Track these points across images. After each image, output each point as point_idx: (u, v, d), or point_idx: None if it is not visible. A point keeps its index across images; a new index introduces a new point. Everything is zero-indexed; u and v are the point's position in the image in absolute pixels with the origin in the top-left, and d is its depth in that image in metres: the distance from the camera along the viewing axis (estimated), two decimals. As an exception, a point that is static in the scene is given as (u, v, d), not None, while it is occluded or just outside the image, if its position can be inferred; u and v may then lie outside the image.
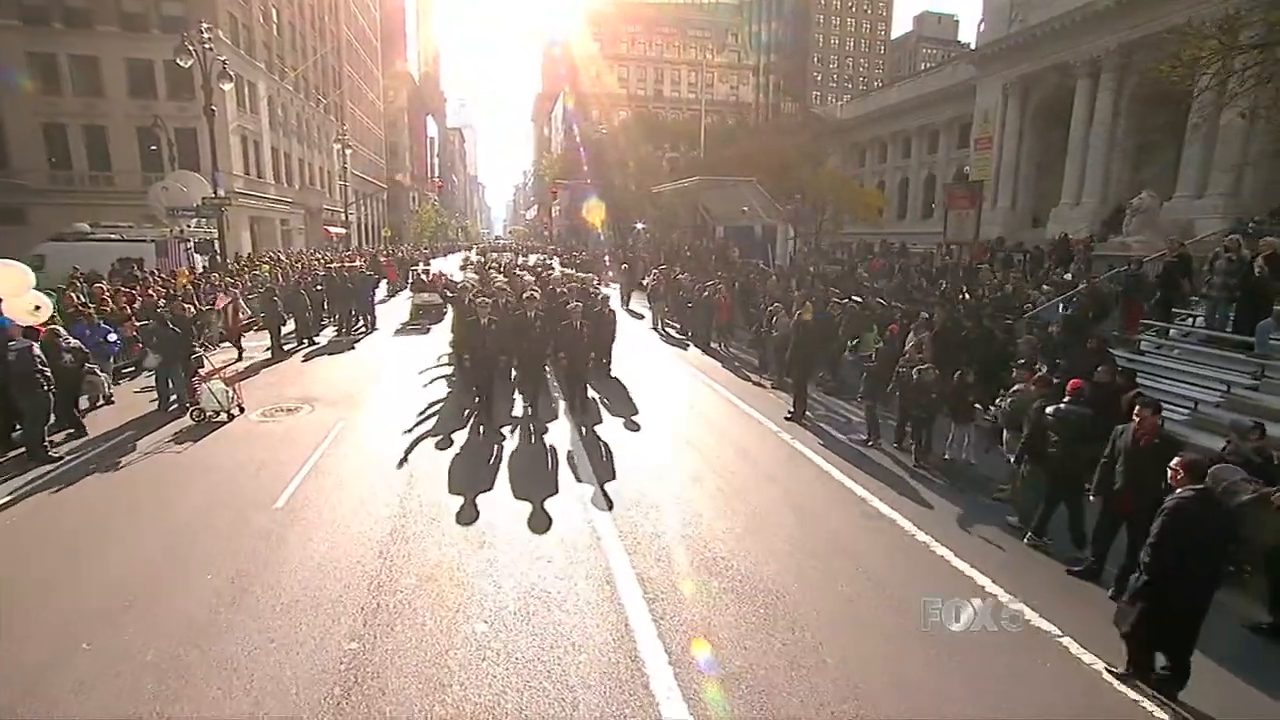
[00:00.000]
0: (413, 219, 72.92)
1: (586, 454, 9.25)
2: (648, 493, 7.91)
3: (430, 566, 6.08)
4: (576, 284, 15.38)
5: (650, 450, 9.57)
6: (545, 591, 5.72)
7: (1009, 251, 23.15)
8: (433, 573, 5.97)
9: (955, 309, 12.67)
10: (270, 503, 7.38)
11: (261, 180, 40.13)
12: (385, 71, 68.72)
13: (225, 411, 10.45)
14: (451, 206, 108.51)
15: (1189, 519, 4.45)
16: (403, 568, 6.03)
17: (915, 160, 46.48)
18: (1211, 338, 10.37)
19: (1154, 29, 26.75)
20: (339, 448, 9.25)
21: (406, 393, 12.65)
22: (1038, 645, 5.26)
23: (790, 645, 5.11)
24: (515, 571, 6.02)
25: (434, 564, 6.13)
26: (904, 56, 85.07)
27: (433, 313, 20.99)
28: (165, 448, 9.26)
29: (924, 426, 9.44)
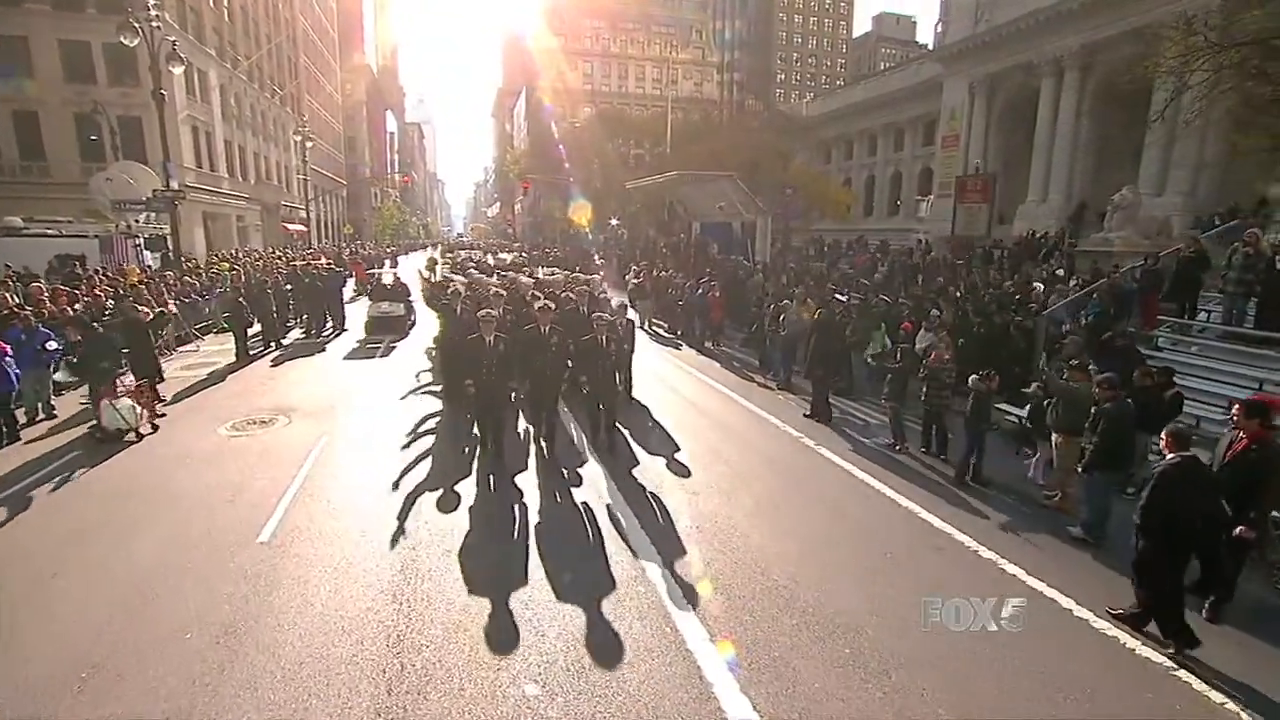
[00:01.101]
0: (374, 216, 70.30)
1: (632, 511, 7.05)
2: (701, 526, 7.09)
3: (457, 612, 5.13)
4: (584, 289, 12.55)
5: (696, 489, 7.74)
6: (598, 640, 4.85)
7: (988, 248, 23.05)
8: (460, 619, 5.03)
9: (971, 307, 12.16)
10: (253, 536, 6.31)
11: (215, 174, 37.79)
12: (343, 64, 66.00)
13: (133, 430, 9.14)
14: (412, 203, 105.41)
15: (1174, 483, 4.88)
16: (424, 615, 5.07)
17: (881, 158, 46.66)
18: (1232, 334, 10.07)
19: (1114, 30, 27.14)
20: (326, 467, 8.16)
21: (393, 399, 11.58)
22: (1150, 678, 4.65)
23: (892, 693, 4.37)
24: (559, 615, 5.12)
25: (460, 609, 5.18)
26: (864, 56, 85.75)
27: (395, 326, 17.82)
28: (117, 473, 8.02)
29: (937, 421, 9.08)
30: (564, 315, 10.32)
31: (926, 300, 13.22)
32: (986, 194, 20.41)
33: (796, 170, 44.20)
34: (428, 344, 15.02)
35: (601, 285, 14.03)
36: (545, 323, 8.57)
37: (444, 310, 11.48)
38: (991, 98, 33.75)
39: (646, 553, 6.15)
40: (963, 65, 34.44)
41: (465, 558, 5.95)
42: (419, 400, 11.56)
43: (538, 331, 8.51)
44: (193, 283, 18.60)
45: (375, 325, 17.69)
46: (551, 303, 9.77)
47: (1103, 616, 5.33)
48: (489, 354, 7.98)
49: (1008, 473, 8.51)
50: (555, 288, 13.01)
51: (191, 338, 16.73)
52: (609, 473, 8.14)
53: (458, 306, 10.70)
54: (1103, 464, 6.64)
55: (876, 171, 47.20)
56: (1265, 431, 5.25)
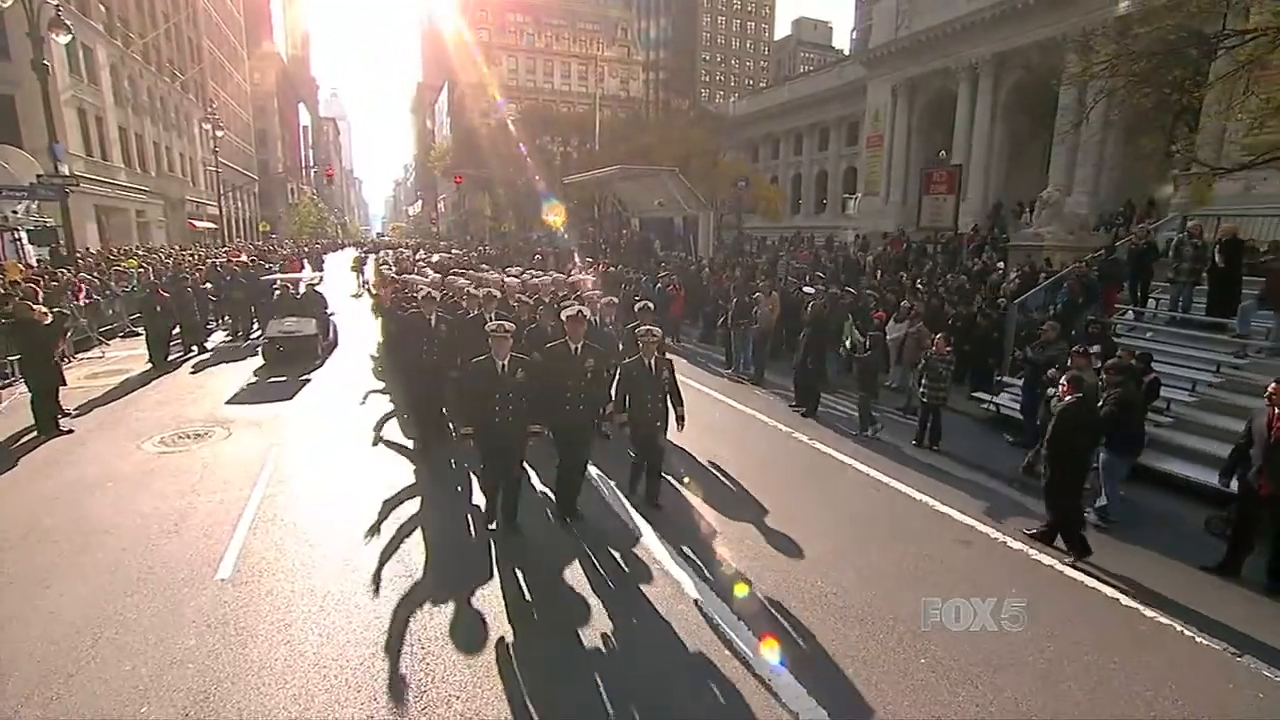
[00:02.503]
0: (291, 213, 65.73)
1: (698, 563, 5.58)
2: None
3: (484, 651, 4.32)
4: (599, 296, 9.77)
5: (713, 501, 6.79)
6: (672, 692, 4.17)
7: (922, 243, 23.66)
8: (489, 661, 4.23)
9: (948, 297, 12.16)
10: (209, 572, 5.24)
11: (109, 164, 34.02)
12: (250, 51, 61.30)
13: None
14: (330, 201, 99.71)
15: (1072, 419, 5.90)
16: (444, 657, 4.22)
17: (807, 157, 47.59)
18: (1186, 320, 10.41)
19: (1022, 41, 28.53)
20: (285, 485, 7.05)
21: (350, 399, 10.45)
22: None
23: (986, 703, 3.93)
24: (612, 664, 4.37)
25: (487, 646, 4.38)
26: (784, 59, 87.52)
27: (304, 352, 12.92)
28: (16, 506, 6.60)
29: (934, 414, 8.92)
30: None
31: (890, 291, 13.16)
32: (952, 185, 20.79)
33: (726, 167, 44.42)
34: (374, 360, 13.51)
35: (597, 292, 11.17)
36: (578, 339, 6.06)
37: (407, 324, 8.54)
38: (913, 100, 34.88)
39: (679, 562, 5.51)
40: (885, 69, 35.43)
41: (483, 593, 5.08)
42: (379, 400, 10.47)
43: (566, 350, 6.06)
44: (92, 280, 16.40)
45: (275, 351, 12.83)
46: (584, 309, 6.69)
47: (1149, 605, 5.14)
48: (504, 384, 5.61)
49: (998, 457, 8.40)
50: (542, 292, 11.06)
51: (95, 342, 14.72)
52: (661, 535, 6.05)
53: (432, 316, 8.19)
54: (1117, 445, 6.55)
55: (803, 170, 48.13)
56: None
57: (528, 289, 11.46)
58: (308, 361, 12.90)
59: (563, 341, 6.16)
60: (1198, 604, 5.17)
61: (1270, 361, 9.04)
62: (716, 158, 46.51)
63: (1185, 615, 5.02)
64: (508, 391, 5.62)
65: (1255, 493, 5.45)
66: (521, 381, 5.70)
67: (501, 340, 5.67)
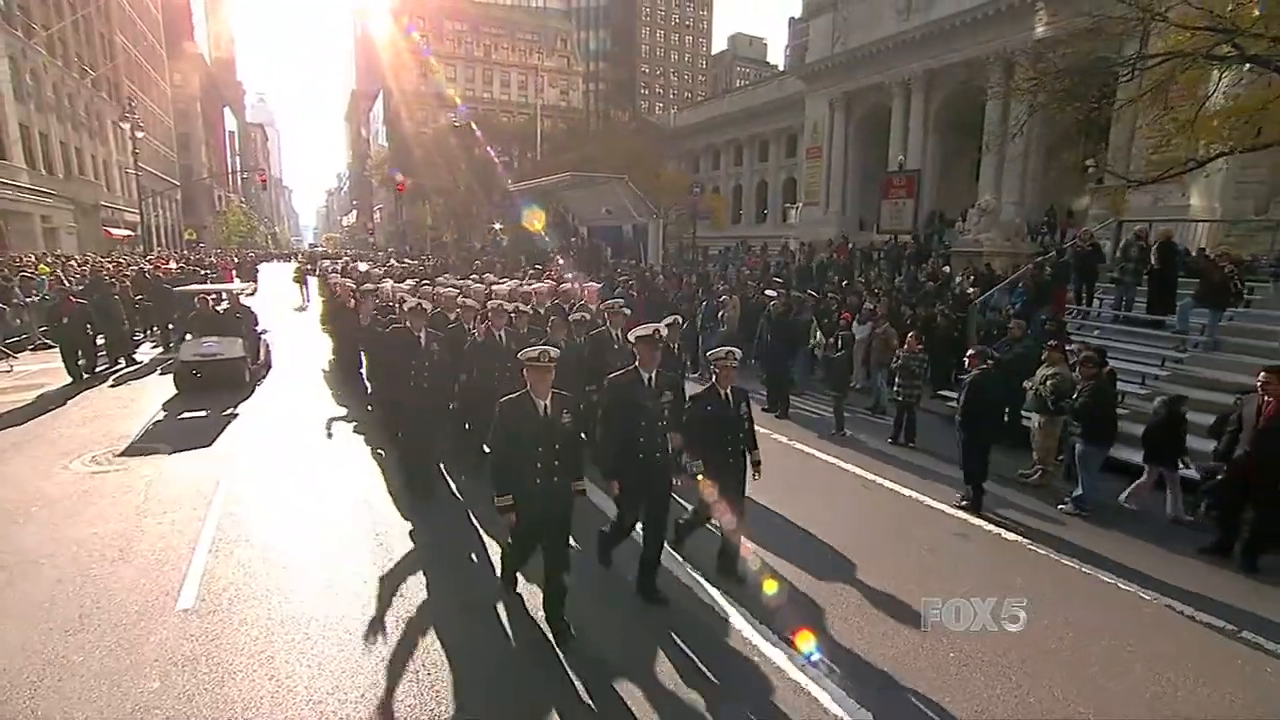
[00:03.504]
0: (219, 221, 61.99)
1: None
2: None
3: (490, 668, 3.93)
4: (616, 308, 7.60)
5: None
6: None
7: (866, 250, 24.32)
8: (500, 677, 3.85)
9: (912, 298, 12.38)
10: (169, 603, 4.62)
11: (7, 164, 31.22)
12: (171, 51, 57.71)
13: None
14: (259, 210, 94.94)
15: (980, 388, 6.68)
16: (459, 689, 3.81)
17: (748, 168, 48.40)
18: (1129, 318, 10.93)
19: (951, 59, 29.90)
20: (244, 503, 6.37)
21: (305, 405, 9.76)
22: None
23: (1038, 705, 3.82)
24: (650, 701, 4.05)
25: (494, 665, 3.98)
26: (721, 73, 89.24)
27: (227, 378, 10.73)
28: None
29: (909, 412, 9.01)
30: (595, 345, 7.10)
31: (850, 295, 13.34)
32: (911, 189, 21.35)
33: (669, 178, 44.72)
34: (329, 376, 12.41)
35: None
36: (650, 366, 4.72)
37: (389, 344, 6.98)
38: (850, 113, 35.97)
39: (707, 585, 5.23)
40: (823, 83, 36.46)
41: (493, 619, 4.67)
42: (333, 405, 9.79)
43: (638, 380, 4.67)
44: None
45: (190, 377, 10.56)
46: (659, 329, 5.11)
47: (1145, 587, 5.22)
48: (550, 433, 4.08)
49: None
50: (539, 300, 9.94)
51: (1, 355, 13.30)
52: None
53: (421, 334, 6.58)
54: (1093, 436, 6.71)
55: (743, 181, 48.89)
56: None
57: (523, 298, 10.09)
58: (233, 390, 10.61)
59: (631, 369, 4.76)
60: (1185, 584, 5.30)
61: (1208, 355, 9.57)
62: (659, 168, 46.80)
63: (1179, 595, 5.13)
64: (554, 443, 4.07)
65: (1243, 476, 5.64)
66: (570, 431, 4.22)
67: (543, 373, 4.04)
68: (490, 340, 6.98)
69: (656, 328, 4.93)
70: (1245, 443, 5.70)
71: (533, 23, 77.72)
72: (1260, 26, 11.52)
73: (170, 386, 10.76)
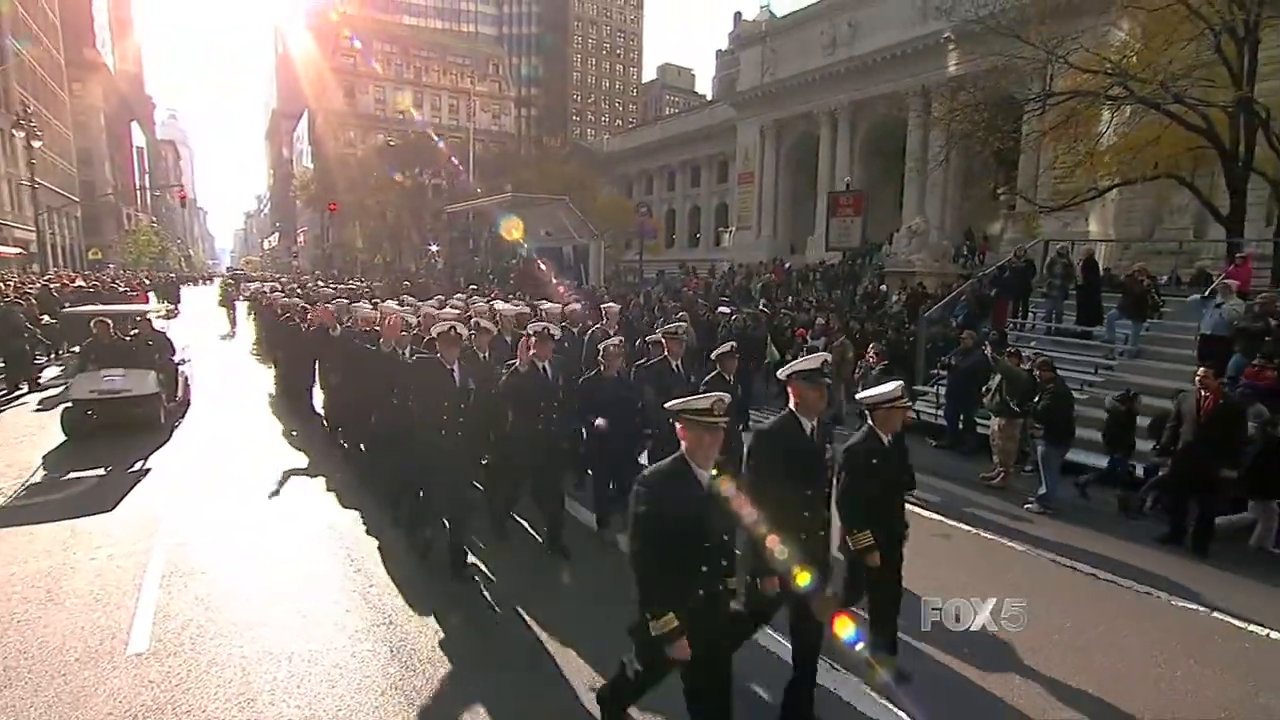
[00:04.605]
0: (127, 241, 57.44)
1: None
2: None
3: (488, 697, 3.60)
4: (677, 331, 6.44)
5: None
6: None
7: (803, 271, 25.13)
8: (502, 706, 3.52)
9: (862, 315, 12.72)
10: (118, 646, 4.03)
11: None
12: (71, 59, 53.68)
13: None
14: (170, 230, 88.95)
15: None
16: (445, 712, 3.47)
17: (680, 192, 49.31)
18: (1060, 330, 11.63)
19: (874, 92, 31.58)
20: (195, 531, 5.71)
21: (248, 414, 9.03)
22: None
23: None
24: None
25: (491, 692, 3.65)
26: (651, 101, 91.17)
27: (132, 418, 8.74)
28: None
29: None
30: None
31: (800, 312, 13.65)
32: (859, 207, 22.06)
33: (604, 203, 45.00)
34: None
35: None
36: (817, 412, 3.45)
37: (415, 376, 5.17)
38: (780, 140, 37.30)
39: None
40: (753, 111, 37.74)
41: (491, 642, 4.33)
42: (278, 434, 9.06)
43: (798, 433, 3.41)
44: None
45: (84, 419, 8.49)
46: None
47: (1120, 576, 5.43)
48: (722, 519, 2.89)
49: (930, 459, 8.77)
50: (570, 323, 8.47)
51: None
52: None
53: (454, 366, 5.01)
54: (1054, 437, 7.00)
55: (676, 205, 49.73)
56: (1223, 388, 6.03)
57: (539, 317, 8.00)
58: (143, 436, 8.48)
59: (787, 414, 3.48)
60: (1154, 570, 5.56)
61: (1133, 361, 10.27)
62: (595, 192, 47.03)
63: (1150, 582, 5.36)
64: (722, 533, 2.90)
65: (1187, 466, 6.01)
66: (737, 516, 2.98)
67: (714, 435, 2.79)
68: (534, 373, 5.34)
69: (825, 357, 3.68)
70: (1188, 434, 6.10)
71: (464, 46, 77.20)
72: (1145, 73, 12.85)
73: (57, 432, 8.45)
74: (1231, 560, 5.84)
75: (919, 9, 28.35)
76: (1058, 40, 13.99)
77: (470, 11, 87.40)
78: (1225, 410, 5.90)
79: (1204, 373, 6.01)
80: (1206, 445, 5.83)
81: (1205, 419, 5.87)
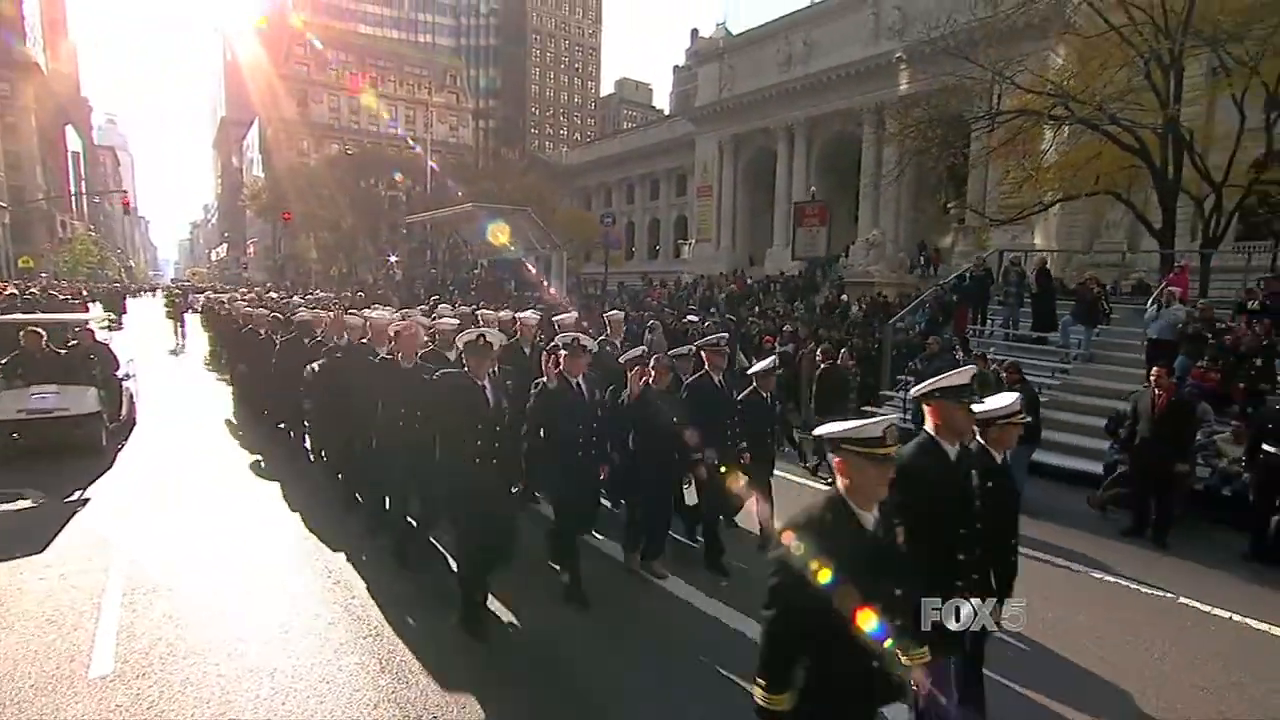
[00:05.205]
0: (62, 249, 54.19)
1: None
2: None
3: (492, 707, 3.46)
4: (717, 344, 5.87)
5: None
6: None
7: (764, 282, 25.54)
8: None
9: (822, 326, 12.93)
10: (78, 670, 3.72)
11: None
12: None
13: None
14: (110, 239, 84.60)
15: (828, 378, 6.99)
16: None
17: (640, 205, 49.56)
18: (1017, 335, 12.06)
19: (827, 110, 32.41)
20: (156, 544, 5.37)
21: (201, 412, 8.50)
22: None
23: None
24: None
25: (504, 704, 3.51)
26: (609, 114, 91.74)
27: (65, 440, 7.73)
28: None
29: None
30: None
31: (768, 320, 13.83)
32: (824, 217, 22.47)
33: (564, 215, 44.89)
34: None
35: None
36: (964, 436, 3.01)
37: (455, 407, 4.18)
38: (738, 154, 37.91)
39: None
40: (712, 125, 38.29)
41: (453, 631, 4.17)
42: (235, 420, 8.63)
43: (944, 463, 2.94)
44: None
45: (9, 442, 7.54)
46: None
47: (1095, 569, 5.62)
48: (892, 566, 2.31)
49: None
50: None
51: None
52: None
53: (484, 382, 4.22)
54: (1022, 438, 7.20)
55: (636, 218, 49.93)
56: (1176, 386, 6.38)
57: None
58: (82, 460, 7.51)
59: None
60: (1121, 563, 5.78)
61: (1086, 365, 10.72)
62: (555, 205, 46.87)
63: (1119, 573, 5.58)
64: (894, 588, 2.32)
65: (1145, 464, 6.28)
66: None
67: (883, 469, 2.28)
68: (565, 390, 4.64)
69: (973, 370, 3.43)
70: (1144, 430, 6.42)
71: (421, 57, 76.30)
72: (1084, 94, 13.59)
73: None
74: (1189, 551, 6.11)
75: (871, 30, 29.28)
76: (1004, 62, 14.65)
77: (428, 22, 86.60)
78: (1178, 407, 6.26)
79: (1158, 372, 6.34)
80: (1162, 441, 6.14)
81: (1159, 416, 6.18)
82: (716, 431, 5.13)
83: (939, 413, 2.93)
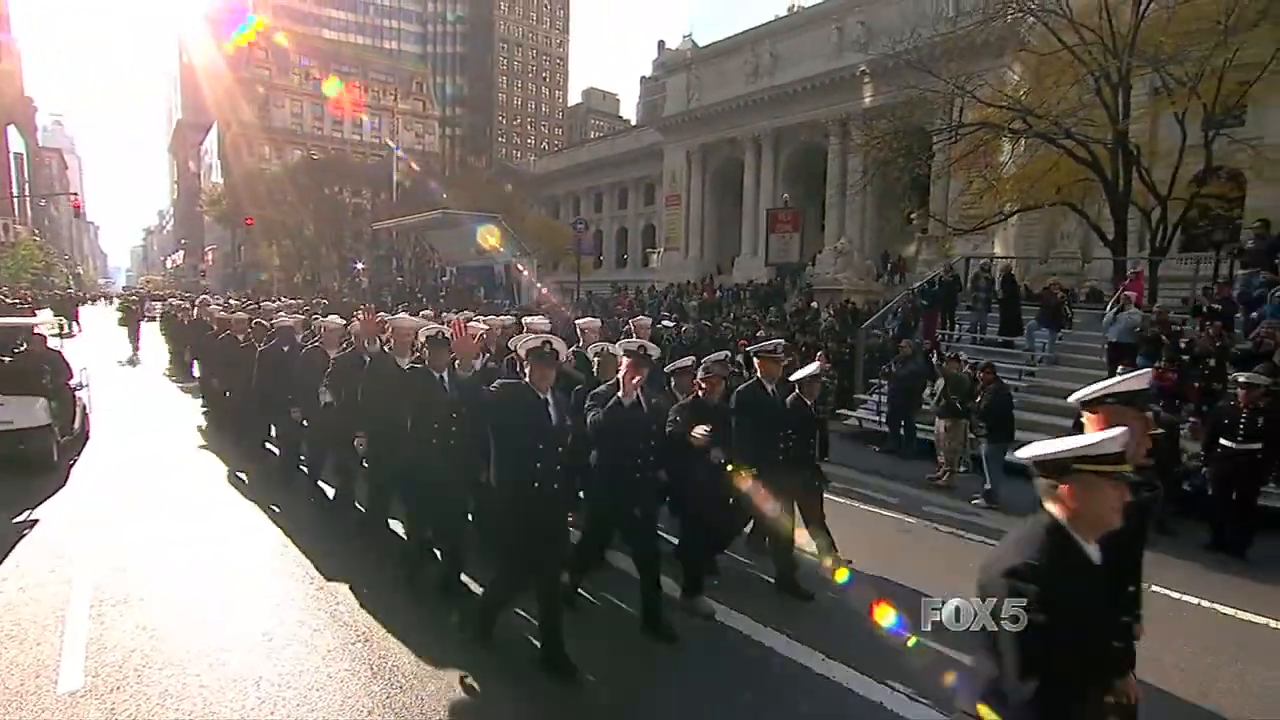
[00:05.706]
0: (4, 254, 51.47)
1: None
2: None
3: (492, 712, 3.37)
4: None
5: None
6: None
7: (734, 290, 25.80)
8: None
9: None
10: (44, 684, 3.48)
11: None
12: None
13: None
14: (55, 245, 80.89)
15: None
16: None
17: (608, 214, 49.60)
18: (985, 339, 12.40)
19: (793, 121, 33.02)
20: (125, 552, 5.11)
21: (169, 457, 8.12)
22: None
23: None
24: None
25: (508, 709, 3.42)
26: (577, 124, 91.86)
27: (21, 461, 7.01)
28: None
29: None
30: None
31: (741, 326, 13.97)
32: (796, 224, 22.74)
33: (532, 223, 44.70)
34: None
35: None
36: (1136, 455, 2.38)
37: (517, 420, 3.62)
38: (706, 164, 38.30)
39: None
40: (679, 135, 38.64)
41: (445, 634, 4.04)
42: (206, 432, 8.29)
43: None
44: None
45: None
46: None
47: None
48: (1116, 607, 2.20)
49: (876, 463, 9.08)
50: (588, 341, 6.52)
51: None
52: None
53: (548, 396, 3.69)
54: (996, 437, 7.40)
55: (604, 226, 49.95)
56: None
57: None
58: (31, 477, 6.87)
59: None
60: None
61: (1052, 368, 11.09)
62: (523, 213, 46.62)
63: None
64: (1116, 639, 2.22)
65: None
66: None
67: (1121, 493, 1.85)
68: (635, 408, 4.06)
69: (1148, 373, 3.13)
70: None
71: (387, 64, 75.40)
72: (1040, 109, 14.15)
73: None
74: (1155, 543, 6.27)
75: (835, 43, 29.97)
76: (965, 77, 15.16)
77: (393, 29, 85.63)
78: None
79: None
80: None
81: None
82: (769, 444, 4.75)
83: (1105, 423, 2.33)
